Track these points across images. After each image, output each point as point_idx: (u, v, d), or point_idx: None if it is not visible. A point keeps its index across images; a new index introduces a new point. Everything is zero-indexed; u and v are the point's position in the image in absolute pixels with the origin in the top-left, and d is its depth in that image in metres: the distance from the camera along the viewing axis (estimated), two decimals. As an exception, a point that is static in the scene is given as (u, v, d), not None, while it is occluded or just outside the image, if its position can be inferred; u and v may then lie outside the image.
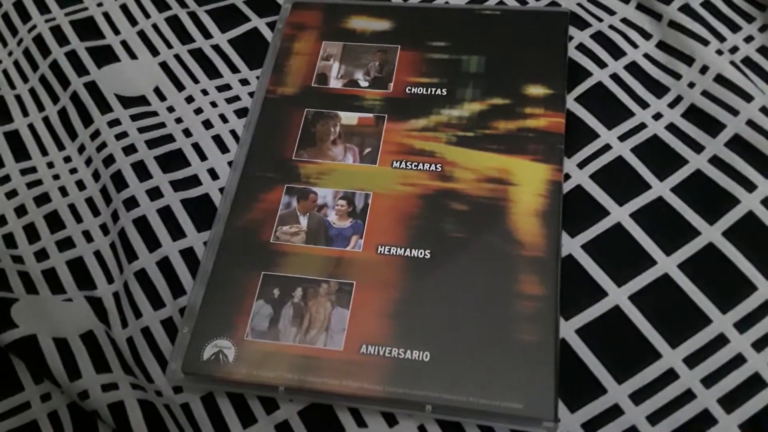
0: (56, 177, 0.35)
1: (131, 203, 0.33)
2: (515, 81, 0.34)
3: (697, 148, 0.32)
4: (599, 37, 0.36)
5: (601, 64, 0.35)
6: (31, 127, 0.37)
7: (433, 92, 0.34)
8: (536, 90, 0.34)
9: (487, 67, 0.35)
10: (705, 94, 0.33)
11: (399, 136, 0.33)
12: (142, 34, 0.40)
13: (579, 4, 0.38)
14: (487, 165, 0.32)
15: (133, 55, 0.39)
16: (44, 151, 0.36)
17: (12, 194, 0.35)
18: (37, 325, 0.29)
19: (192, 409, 0.28)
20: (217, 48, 0.39)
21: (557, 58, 0.35)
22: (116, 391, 0.28)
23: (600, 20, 0.37)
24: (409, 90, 0.34)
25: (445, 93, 0.34)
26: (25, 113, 0.38)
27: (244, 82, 0.37)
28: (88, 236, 0.33)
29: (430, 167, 0.32)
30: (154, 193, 0.33)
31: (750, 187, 0.31)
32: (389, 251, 0.30)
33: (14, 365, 0.30)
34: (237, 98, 0.37)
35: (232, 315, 0.29)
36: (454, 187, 0.31)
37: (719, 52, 0.34)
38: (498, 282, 0.29)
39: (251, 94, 0.37)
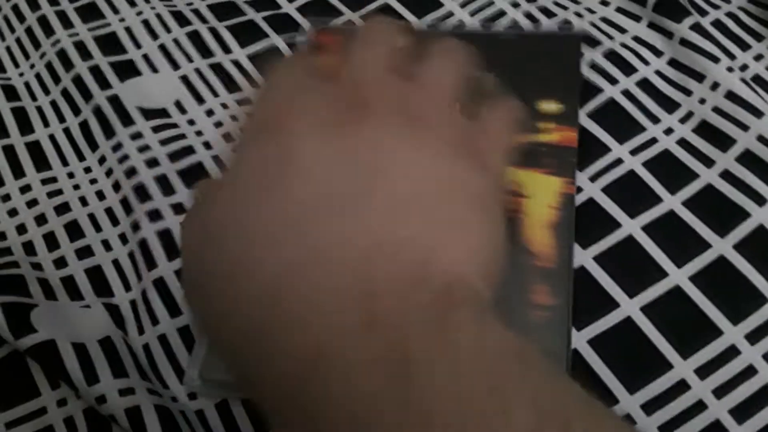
0: (76, 187, 0.36)
1: (155, 216, 0.34)
2: (527, 98, 0.35)
3: (708, 162, 0.33)
4: (611, 55, 0.37)
5: (613, 81, 0.36)
6: (52, 137, 0.38)
7: None
8: (549, 106, 0.34)
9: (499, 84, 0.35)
10: (716, 110, 0.34)
11: None
12: (163, 49, 0.41)
13: (591, 23, 0.38)
14: None
15: (154, 69, 0.40)
16: (65, 162, 0.37)
17: (32, 203, 0.36)
18: (55, 331, 0.30)
19: (207, 416, 0.29)
20: (236, 63, 0.40)
21: (571, 75, 0.35)
22: (133, 396, 0.28)
23: (611, 38, 0.38)
24: None
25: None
26: (46, 124, 0.39)
27: (262, 96, 0.38)
28: (106, 245, 0.34)
29: None
30: (179, 209, 0.34)
31: (761, 201, 0.31)
32: None
33: (31, 371, 0.30)
34: (255, 111, 0.38)
35: None
36: None
37: (730, 70, 0.34)
38: (511, 292, 0.29)
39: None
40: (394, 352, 0.17)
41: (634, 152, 0.33)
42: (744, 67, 0.36)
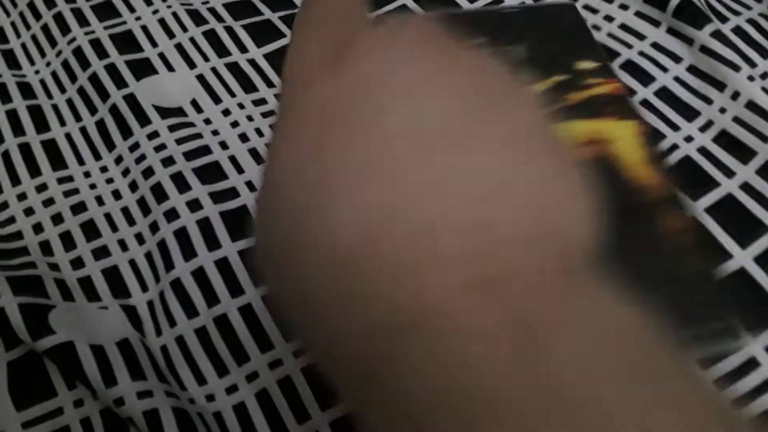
0: (93, 186, 0.36)
1: (172, 215, 0.34)
2: (565, 60, 0.35)
3: (729, 172, 0.32)
4: (629, 66, 0.37)
5: (632, 93, 0.36)
6: (68, 136, 0.38)
7: None
8: (587, 64, 0.35)
9: (532, 53, 0.36)
10: (736, 120, 0.34)
11: None
12: (179, 47, 0.40)
13: (609, 34, 0.38)
14: (578, 132, 0.33)
15: (170, 68, 0.40)
16: (81, 161, 0.37)
17: (49, 202, 0.35)
18: (74, 332, 0.30)
19: (224, 418, 0.29)
20: (252, 62, 0.40)
21: (588, 37, 0.36)
22: (151, 398, 0.28)
23: (630, 47, 0.37)
24: None
25: None
26: (63, 123, 0.39)
27: (279, 96, 0.38)
28: (123, 245, 0.34)
29: None
30: (194, 205, 0.34)
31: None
32: None
33: (48, 371, 0.30)
34: (273, 112, 0.37)
35: None
36: None
37: (751, 78, 0.34)
38: (636, 230, 0.29)
39: (286, 109, 0.38)
40: (519, 317, 0.14)
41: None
42: (765, 75, 0.36)
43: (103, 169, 0.37)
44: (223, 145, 0.36)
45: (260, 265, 0.18)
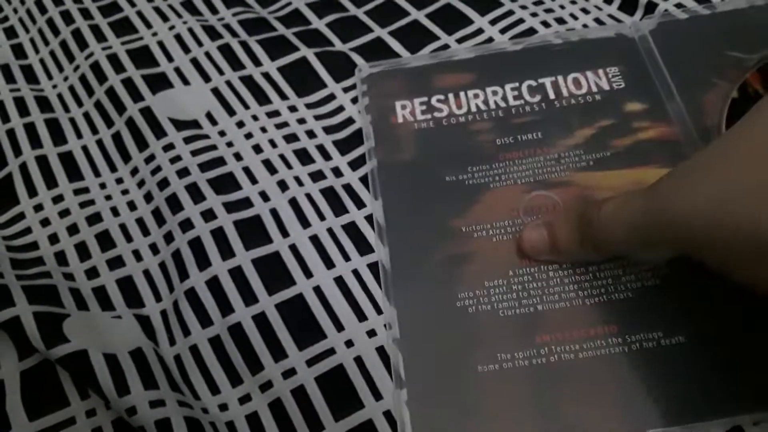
0: (108, 197, 0.36)
1: (187, 225, 0.34)
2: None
3: None
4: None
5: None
6: (84, 149, 0.38)
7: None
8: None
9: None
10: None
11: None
12: (195, 62, 0.41)
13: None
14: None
15: (186, 82, 0.40)
16: (97, 173, 0.37)
17: (65, 213, 0.36)
18: (88, 341, 0.30)
19: (237, 428, 0.29)
20: (266, 75, 0.40)
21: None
22: (163, 407, 0.28)
23: None
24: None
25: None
26: (79, 135, 0.39)
27: (293, 108, 0.38)
28: (137, 255, 0.34)
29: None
30: (208, 215, 0.34)
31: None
32: None
33: (61, 380, 0.30)
34: (286, 124, 0.38)
35: None
36: None
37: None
38: None
39: (300, 121, 0.38)
40: None
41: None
42: None
43: (119, 181, 0.37)
44: (237, 157, 0.37)
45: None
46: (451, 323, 0.30)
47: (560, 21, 0.40)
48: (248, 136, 0.37)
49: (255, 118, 0.38)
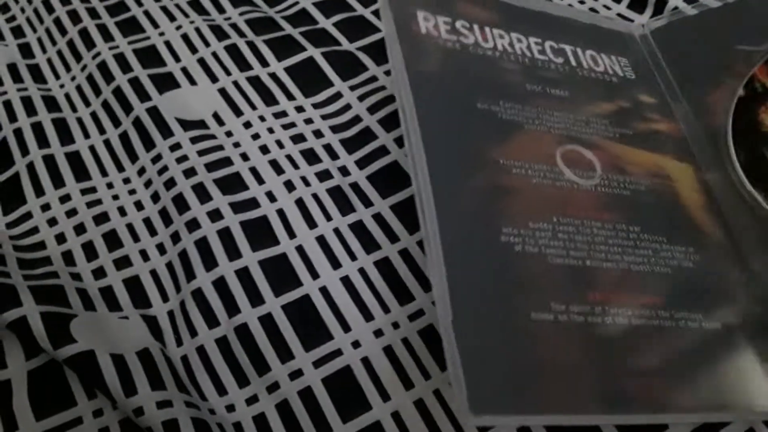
0: (115, 197, 0.36)
1: (193, 225, 0.34)
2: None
3: None
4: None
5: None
6: (92, 148, 0.38)
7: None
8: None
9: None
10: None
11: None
12: (202, 62, 0.41)
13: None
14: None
15: (193, 82, 0.40)
16: (104, 172, 0.37)
17: (72, 213, 0.36)
18: (95, 341, 0.30)
19: (244, 429, 0.29)
20: (273, 76, 0.40)
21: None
22: (170, 408, 0.28)
23: None
24: None
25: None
26: (87, 135, 0.39)
27: (300, 109, 0.38)
28: (144, 255, 0.34)
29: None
30: (215, 215, 0.34)
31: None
32: None
33: (68, 380, 0.30)
34: (293, 125, 0.38)
35: None
36: None
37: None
38: None
39: (307, 121, 0.38)
40: None
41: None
42: None
43: (126, 181, 0.37)
44: (244, 157, 0.36)
45: None
46: (496, 260, 0.27)
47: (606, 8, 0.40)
48: (255, 136, 0.37)
49: (262, 118, 0.38)
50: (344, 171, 0.36)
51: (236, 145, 0.37)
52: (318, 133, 0.37)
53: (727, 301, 0.28)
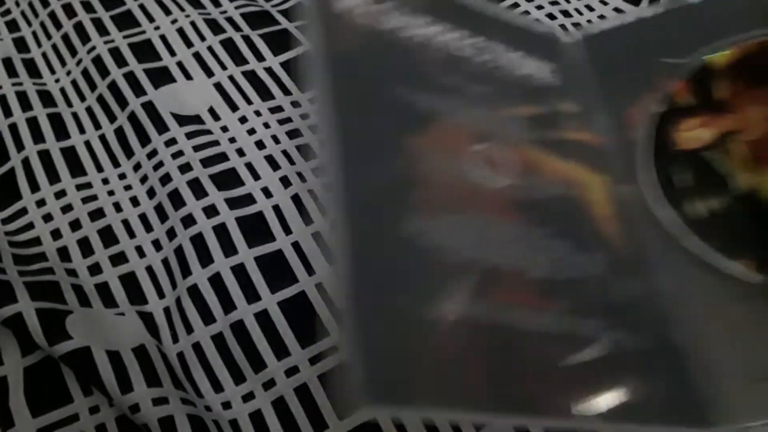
0: (111, 193, 0.36)
1: (189, 221, 0.34)
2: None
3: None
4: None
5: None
6: (87, 144, 0.38)
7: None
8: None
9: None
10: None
11: None
12: (197, 56, 0.41)
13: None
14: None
15: (188, 76, 0.40)
16: (99, 168, 0.37)
17: (67, 208, 0.36)
18: (90, 338, 0.30)
19: (240, 425, 0.29)
20: (269, 70, 0.40)
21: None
22: (166, 405, 0.28)
23: None
24: None
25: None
26: (82, 130, 0.39)
27: (296, 104, 0.38)
28: (140, 251, 0.34)
29: None
30: (211, 211, 0.34)
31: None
32: None
33: (64, 377, 0.30)
34: (289, 120, 0.37)
35: None
36: None
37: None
38: None
39: (303, 116, 0.38)
40: None
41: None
42: None
43: (122, 176, 0.37)
44: (240, 152, 0.36)
45: None
46: (399, 251, 0.26)
47: (566, 14, 0.40)
48: (251, 131, 0.37)
49: (258, 113, 0.38)
50: (340, 166, 0.36)
51: (232, 140, 0.37)
52: (314, 129, 0.37)
53: (628, 312, 0.29)
